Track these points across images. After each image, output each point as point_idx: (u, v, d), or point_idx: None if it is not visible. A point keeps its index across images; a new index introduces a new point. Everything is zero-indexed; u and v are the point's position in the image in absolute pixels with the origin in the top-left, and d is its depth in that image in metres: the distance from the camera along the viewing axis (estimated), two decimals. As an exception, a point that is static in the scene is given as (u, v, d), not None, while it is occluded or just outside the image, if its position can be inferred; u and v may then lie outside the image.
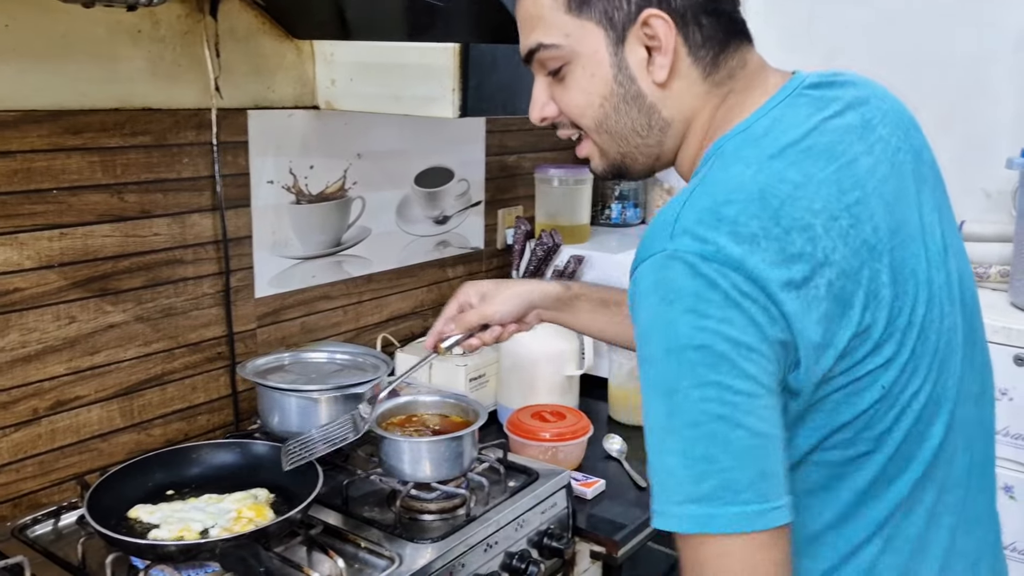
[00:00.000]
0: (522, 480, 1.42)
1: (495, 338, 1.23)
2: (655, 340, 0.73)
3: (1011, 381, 1.70)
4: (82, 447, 1.41)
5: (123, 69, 1.38)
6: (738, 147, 0.81)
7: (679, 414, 0.72)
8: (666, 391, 0.73)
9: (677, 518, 0.73)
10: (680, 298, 0.72)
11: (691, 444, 0.72)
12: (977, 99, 2.04)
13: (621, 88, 0.86)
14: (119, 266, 1.41)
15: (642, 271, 0.75)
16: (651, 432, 0.75)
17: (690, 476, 0.72)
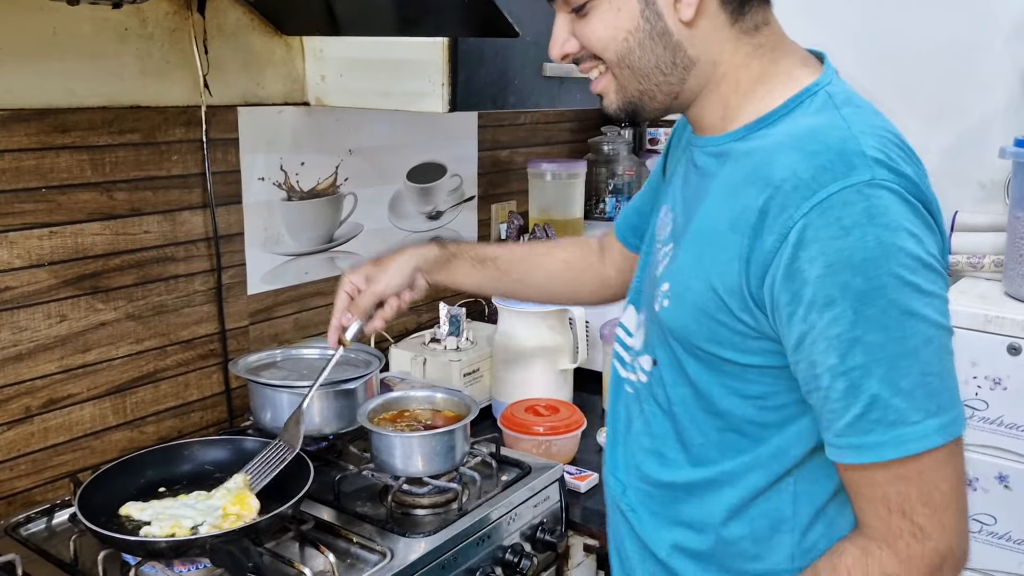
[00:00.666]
0: (515, 474, 1.43)
1: (395, 311, 1.23)
2: (881, 266, 0.74)
3: (1005, 370, 1.70)
4: (75, 445, 1.41)
5: (111, 67, 1.37)
6: (847, 94, 0.87)
7: (916, 332, 0.74)
8: (902, 313, 0.74)
9: (920, 440, 0.75)
10: (901, 224, 0.75)
11: (928, 361, 0.75)
12: (970, 89, 2.03)
13: (648, 24, 0.86)
14: (110, 264, 1.41)
15: (846, 200, 0.74)
16: (877, 364, 0.74)
17: (926, 392, 0.75)
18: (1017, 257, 1.81)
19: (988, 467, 1.74)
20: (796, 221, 0.76)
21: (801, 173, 0.77)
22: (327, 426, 1.45)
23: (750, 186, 0.81)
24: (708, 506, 0.92)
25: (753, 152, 0.85)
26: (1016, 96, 1.97)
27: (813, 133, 0.80)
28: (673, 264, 0.92)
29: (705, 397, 0.88)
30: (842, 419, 0.77)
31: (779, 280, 0.77)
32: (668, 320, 0.90)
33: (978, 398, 1.74)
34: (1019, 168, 1.81)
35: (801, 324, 0.77)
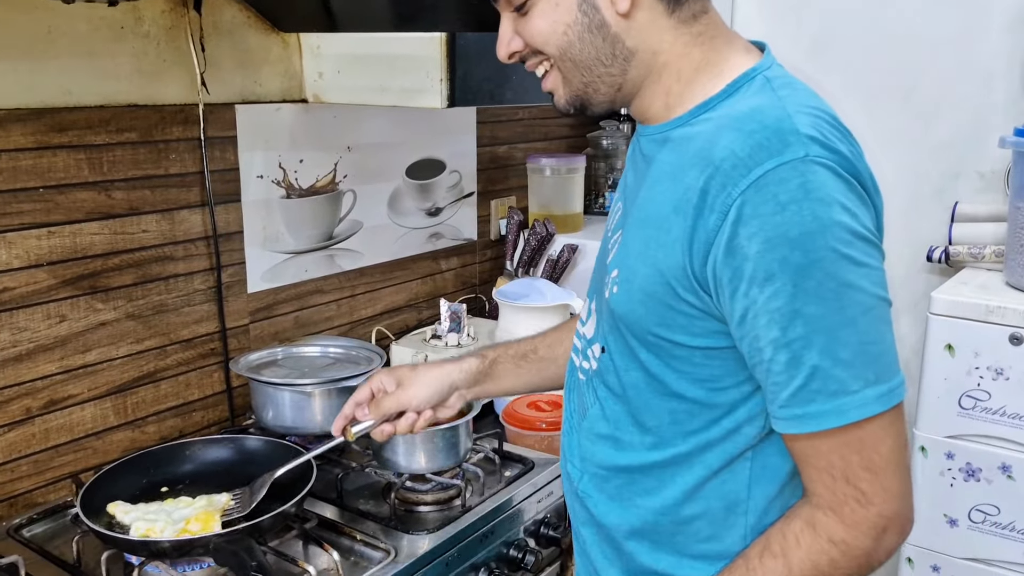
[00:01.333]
0: (518, 469, 1.42)
1: (409, 426, 1.15)
2: (818, 240, 0.75)
3: (1007, 360, 1.70)
4: (76, 446, 1.41)
5: (107, 66, 1.37)
6: (786, 78, 0.88)
7: (853, 305, 0.77)
8: (840, 284, 0.76)
9: (860, 408, 0.77)
10: (835, 199, 0.77)
11: (866, 331, 0.78)
12: (969, 80, 2.03)
13: (585, 17, 0.87)
14: (109, 264, 1.41)
15: (782, 177, 0.76)
16: (816, 334, 0.77)
17: (864, 361, 0.78)
18: (1018, 247, 1.81)
19: (991, 458, 1.74)
20: (735, 199, 0.77)
21: (739, 152, 0.79)
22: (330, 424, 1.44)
23: (692, 168, 0.83)
24: (664, 488, 0.93)
25: (694, 136, 0.86)
26: (1015, 86, 1.96)
27: (751, 113, 0.82)
28: (622, 250, 0.93)
29: (657, 380, 0.90)
30: (785, 390, 0.79)
31: (720, 258, 0.79)
32: (617, 306, 0.91)
33: (980, 388, 1.74)
34: (1019, 157, 1.80)
35: (743, 299, 0.79)
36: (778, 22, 2.23)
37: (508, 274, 2.06)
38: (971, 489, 1.78)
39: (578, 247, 2.03)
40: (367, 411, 1.14)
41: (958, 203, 2.06)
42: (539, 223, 2.03)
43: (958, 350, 1.76)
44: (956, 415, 1.77)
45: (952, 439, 1.78)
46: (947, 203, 2.07)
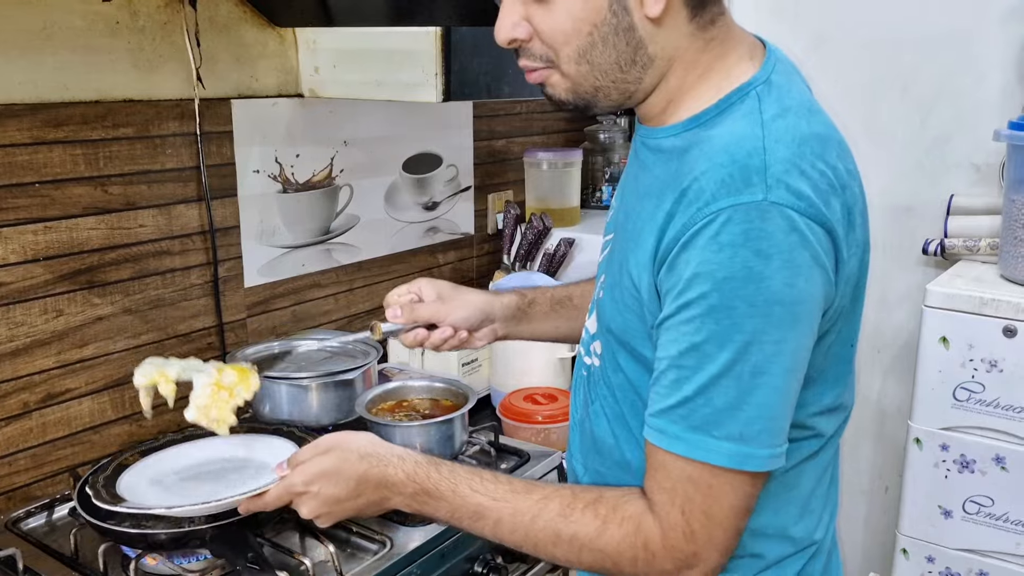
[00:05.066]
0: (514, 462, 1.43)
1: (443, 340, 1.13)
2: (739, 290, 0.75)
3: (1001, 352, 1.70)
4: (74, 440, 1.41)
5: (103, 61, 1.37)
6: (780, 91, 0.84)
7: (747, 362, 0.76)
8: (742, 340, 0.76)
9: (710, 452, 0.79)
10: (777, 253, 0.75)
11: (749, 391, 0.77)
12: (965, 72, 2.03)
13: (615, 18, 0.82)
14: (105, 258, 1.41)
15: (730, 217, 0.75)
16: (700, 373, 0.78)
17: (735, 417, 0.78)
18: (1012, 240, 1.81)
19: (985, 449, 1.75)
20: (688, 229, 0.77)
21: (704, 184, 0.78)
22: (326, 416, 1.45)
23: (669, 189, 0.82)
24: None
25: (680, 153, 0.85)
26: (1011, 79, 1.97)
27: (726, 144, 0.80)
28: (610, 256, 0.93)
29: (634, 386, 0.91)
30: (661, 403, 0.81)
31: (663, 272, 0.80)
32: (603, 311, 0.93)
33: (975, 380, 1.75)
34: (1014, 151, 1.81)
35: (665, 310, 0.80)
36: (775, 16, 2.23)
37: (505, 268, 2.06)
38: (965, 480, 1.79)
39: (575, 241, 2.04)
40: (399, 312, 1.11)
41: (954, 196, 2.07)
42: (536, 217, 2.04)
43: (952, 342, 1.76)
44: (950, 407, 1.78)
45: (947, 431, 1.79)
46: (943, 196, 2.08)
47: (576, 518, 0.85)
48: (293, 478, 0.97)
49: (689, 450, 0.79)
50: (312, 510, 0.97)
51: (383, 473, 0.94)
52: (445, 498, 0.91)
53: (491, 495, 0.89)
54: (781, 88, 0.85)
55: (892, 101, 2.13)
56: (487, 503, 0.89)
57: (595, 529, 0.84)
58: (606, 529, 0.84)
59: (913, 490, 1.85)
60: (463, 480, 0.91)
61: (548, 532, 0.86)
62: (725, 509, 0.81)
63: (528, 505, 0.87)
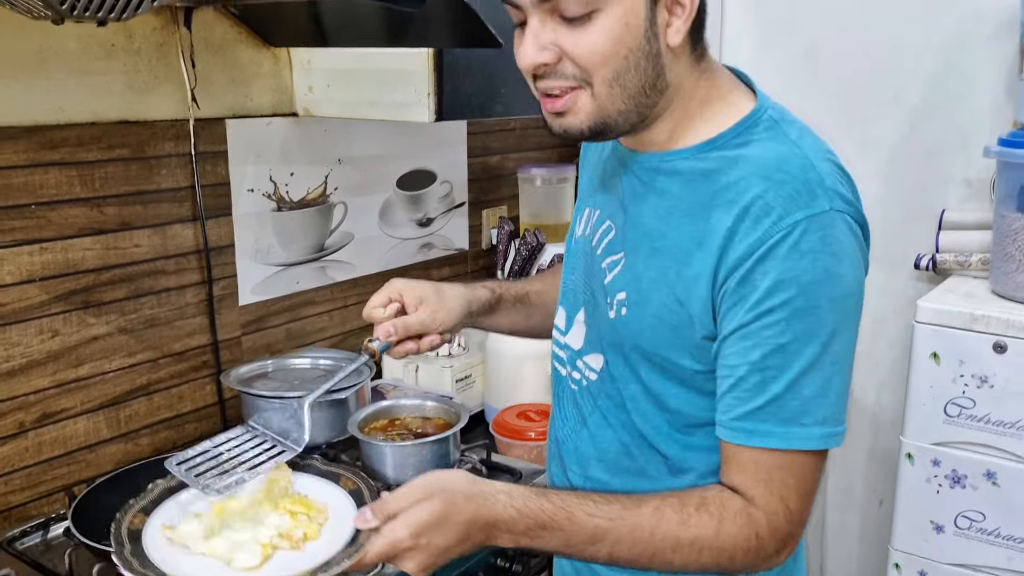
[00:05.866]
0: (505, 480, 1.44)
1: (431, 347, 1.12)
2: (822, 291, 0.83)
3: (991, 368, 1.71)
4: (69, 459, 1.42)
5: (98, 83, 1.39)
6: (787, 117, 0.93)
7: (829, 352, 0.85)
8: (825, 335, 0.84)
9: (803, 439, 0.86)
10: (847, 254, 0.85)
11: (831, 378, 0.86)
12: (957, 87, 2.04)
13: (647, 44, 0.85)
14: (101, 278, 1.43)
15: (807, 228, 0.83)
16: (789, 369, 0.85)
17: (821, 403, 0.86)
18: (1003, 256, 1.82)
19: (976, 464, 1.76)
20: (764, 242, 0.83)
21: (771, 201, 0.84)
22: (320, 435, 1.46)
23: (717, 208, 0.87)
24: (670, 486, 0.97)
25: (713, 174, 0.90)
26: (1001, 94, 1.98)
27: (778, 163, 0.87)
28: (628, 274, 0.95)
29: (654, 395, 0.95)
30: (745, 406, 0.86)
31: (732, 287, 0.85)
32: (625, 327, 0.95)
33: (965, 396, 1.76)
34: (1004, 167, 1.82)
35: (738, 321, 0.85)
36: (769, 31, 2.25)
37: (499, 283, 2.07)
38: (957, 496, 1.79)
39: (568, 256, 2.05)
40: (392, 331, 1.08)
41: (945, 210, 2.08)
42: (530, 233, 2.05)
43: (943, 358, 1.77)
44: (942, 422, 1.79)
45: (938, 446, 1.79)
46: (935, 210, 2.09)
47: (694, 522, 0.88)
48: (398, 532, 0.86)
49: (783, 442, 0.86)
50: (421, 565, 0.87)
51: (492, 513, 0.88)
52: (561, 527, 0.88)
53: (607, 516, 0.89)
54: (785, 112, 0.94)
55: (885, 114, 2.14)
56: (605, 524, 0.88)
57: (713, 529, 0.87)
58: (723, 527, 0.88)
59: (905, 505, 1.86)
60: (576, 507, 0.89)
61: (669, 541, 0.88)
62: (811, 486, 0.89)
63: (644, 519, 0.88)
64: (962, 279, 2.00)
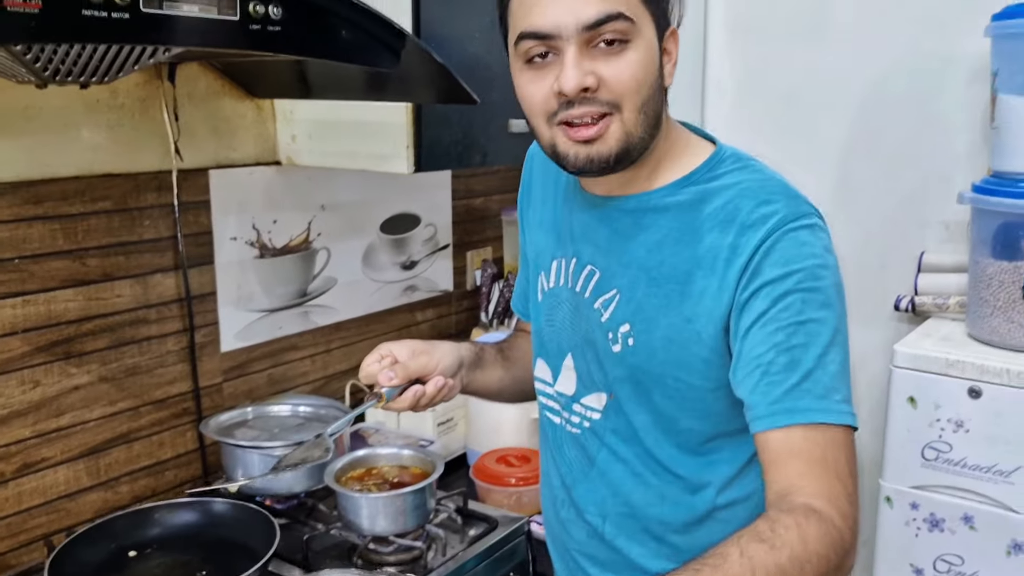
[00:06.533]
0: (482, 528, 1.45)
1: (438, 390, 1.09)
2: (828, 276, 0.93)
3: (967, 412, 1.73)
4: (49, 508, 1.44)
5: (83, 138, 1.41)
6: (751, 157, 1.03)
7: (840, 333, 0.92)
8: (835, 315, 0.92)
9: (841, 414, 0.90)
10: (832, 252, 0.95)
11: (844, 357, 0.92)
12: (934, 133, 2.07)
13: (659, 80, 0.96)
14: (82, 329, 1.45)
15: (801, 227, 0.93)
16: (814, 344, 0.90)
17: (842, 380, 0.91)
18: (978, 300, 1.84)
19: (954, 508, 1.77)
20: (764, 242, 0.92)
21: (765, 212, 0.94)
22: (298, 484, 1.47)
23: (711, 232, 0.96)
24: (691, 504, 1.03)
25: (697, 204, 0.98)
26: (977, 140, 2.01)
27: (759, 185, 0.97)
28: (629, 307, 1.00)
29: (667, 418, 1.00)
30: (780, 388, 0.90)
31: (743, 284, 0.92)
32: (635, 356, 1.00)
33: (942, 440, 1.77)
34: (977, 213, 1.84)
35: (754, 312, 0.92)
36: (748, 77, 2.28)
37: (483, 325, 2.09)
38: (936, 539, 1.80)
39: (551, 298, 2.07)
40: (393, 375, 1.06)
41: (924, 253, 2.10)
42: (512, 275, 2.07)
43: (920, 402, 1.79)
44: (920, 466, 1.80)
45: (917, 490, 1.81)
46: (915, 253, 2.11)
47: (780, 543, 0.84)
48: None
49: (825, 416, 0.89)
50: None
51: None
52: None
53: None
54: (742, 152, 1.04)
55: (864, 157, 2.17)
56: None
57: (800, 538, 0.84)
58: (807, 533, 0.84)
59: (885, 547, 1.87)
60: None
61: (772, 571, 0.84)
62: (855, 464, 0.91)
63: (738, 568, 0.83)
64: (940, 321, 2.02)
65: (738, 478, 1.03)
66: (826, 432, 0.89)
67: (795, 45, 2.20)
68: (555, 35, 0.91)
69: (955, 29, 1.98)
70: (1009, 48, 1.78)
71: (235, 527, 1.32)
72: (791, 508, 0.86)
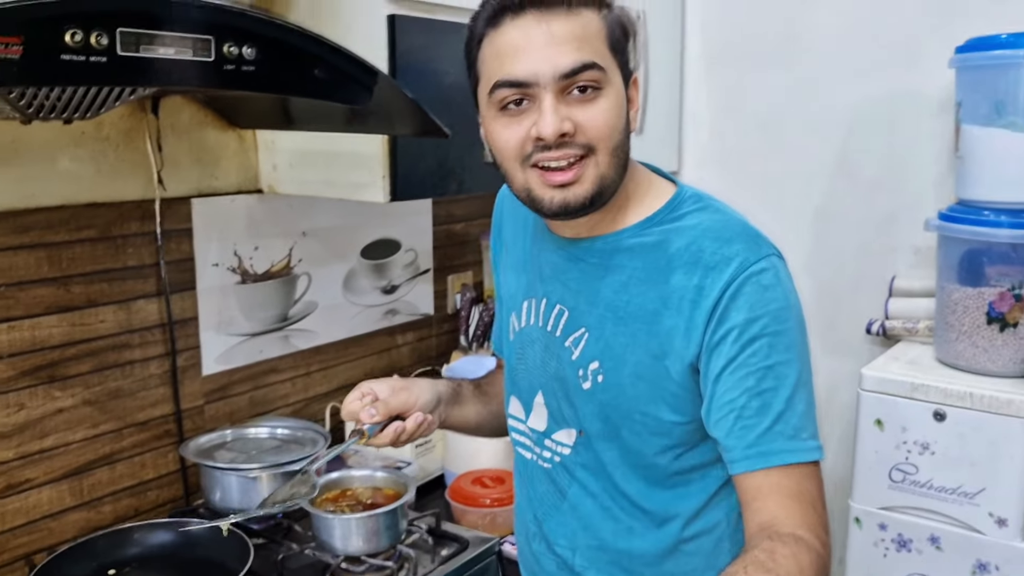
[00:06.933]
0: (453, 549, 1.49)
1: (417, 426, 1.12)
2: (791, 317, 0.98)
3: (932, 435, 1.77)
4: (32, 528, 1.47)
5: (68, 169, 1.46)
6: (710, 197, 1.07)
7: (805, 371, 0.97)
8: (798, 354, 0.97)
9: (810, 451, 0.96)
10: (793, 290, 1.00)
11: (809, 395, 0.98)
12: (904, 161, 2.13)
13: (626, 126, 1.01)
14: (67, 354, 1.49)
15: (764, 268, 0.97)
16: (783, 387, 0.95)
17: (809, 418, 0.97)
18: (944, 325, 1.89)
19: (921, 529, 1.81)
20: (729, 286, 0.96)
21: (727, 253, 0.98)
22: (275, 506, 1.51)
23: (676, 271, 1.00)
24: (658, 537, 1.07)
25: (662, 244, 1.02)
26: (944, 169, 2.06)
27: (722, 226, 1.01)
28: (597, 345, 1.04)
29: (634, 454, 1.04)
30: (754, 432, 0.95)
31: (712, 328, 0.96)
32: (604, 392, 1.03)
33: (908, 462, 1.81)
34: (943, 240, 1.89)
35: (724, 358, 0.96)
36: (724, 101, 2.34)
37: (463, 348, 2.13)
38: (904, 559, 1.84)
39: (530, 322, 2.11)
40: (374, 411, 1.09)
41: (895, 278, 2.15)
42: (491, 300, 2.11)
43: (887, 425, 1.83)
44: (887, 488, 1.84)
45: (885, 511, 1.84)
46: (887, 277, 2.16)
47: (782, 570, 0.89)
48: None
49: (796, 456, 0.95)
50: None
51: None
52: None
53: None
54: (702, 192, 1.07)
55: (839, 182, 2.22)
56: None
57: (796, 563, 0.90)
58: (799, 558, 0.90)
59: (855, 568, 1.90)
60: None
61: None
62: (823, 494, 0.97)
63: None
64: (910, 345, 2.06)
65: (704, 511, 1.07)
66: (799, 469, 0.95)
67: (769, 75, 2.26)
68: (532, 83, 0.96)
69: (924, 59, 2.04)
70: (971, 79, 1.84)
71: (211, 548, 1.36)
72: (780, 537, 0.92)
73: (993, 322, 1.79)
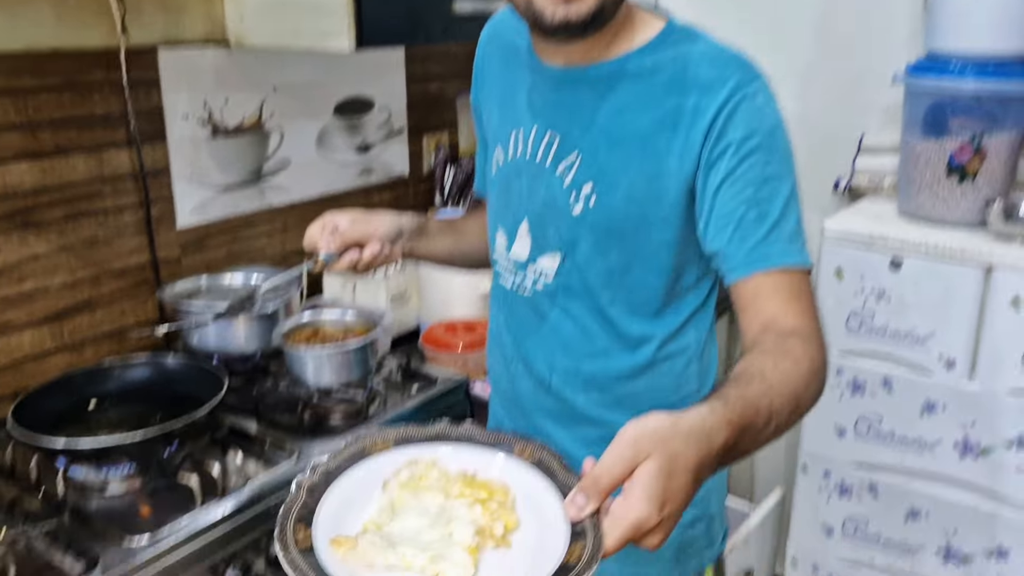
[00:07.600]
0: (422, 383, 1.56)
1: (373, 255, 1.20)
2: (783, 136, 1.02)
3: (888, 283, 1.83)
4: (16, 370, 1.53)
5: (28, 14, 1.45)
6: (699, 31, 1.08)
7: (796, 187, 1.02)
8: (790, 169, 1.02)
9: (806, 256, 1.00)
10: (779, 106, 1.03)
11: (799, 211, 1.01)
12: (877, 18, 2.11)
13: None
14: (39, 200, 1.51)
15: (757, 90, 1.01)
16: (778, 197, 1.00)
17: (802, 231, 1.01)
18: (907, 179, 1.92)
19: (874, 373, 1.89)
20: (725, 105, 0.99)
21: (723, 76, 1.01)
22: (250, 346, 1.57)
23: (671, 95, 1.02)
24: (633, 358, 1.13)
25: (657, 71, 1.04)
26: (918, 25, 2.05)
27: (717, 52, 1.04)
28: (591, 169, 1.07)
29: (620, 273, 1.08)
30: (753, 238, 0.99)
31: (710, 146, 1.00)
32: (595, 214, 1.07)
33: (866, 309, 1.88)
34: (909, 94, 1.91)
35: (723, 172, 1.00)
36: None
37: (439, 207, 2.16)
38: (857, 402, 1.93)
39: (502, 181, 2.13)
40: (330, 240, 1.20)
41: (864, 135, 2.17)
42: (466, 159, 2.13)
43: (846, 274, 1.89)
44: (844, 335, 1.91)
45: (840, 356, 1.92)
46: (856, 136, 2.18)
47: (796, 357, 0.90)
48: (640, 510, 0.71)
49: (794, 258, 0.98)
50: (665, 537, 0.73)
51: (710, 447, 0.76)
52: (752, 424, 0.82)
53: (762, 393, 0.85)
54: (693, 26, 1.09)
55: (809, 42, 2.21)
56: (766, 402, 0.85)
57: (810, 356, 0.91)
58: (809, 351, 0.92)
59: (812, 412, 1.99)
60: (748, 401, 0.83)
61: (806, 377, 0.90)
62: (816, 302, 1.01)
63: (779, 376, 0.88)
64: (874, 201, 2.10)
65: (678, 333, 1.12)
66: (796, 273, 0.99)
67: None
68: None
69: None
70: (944, -74, 1.81)
71: (188, 382, 1.42)
72: (785, 332, 0.94)
73: (953, 173, 1.83)
